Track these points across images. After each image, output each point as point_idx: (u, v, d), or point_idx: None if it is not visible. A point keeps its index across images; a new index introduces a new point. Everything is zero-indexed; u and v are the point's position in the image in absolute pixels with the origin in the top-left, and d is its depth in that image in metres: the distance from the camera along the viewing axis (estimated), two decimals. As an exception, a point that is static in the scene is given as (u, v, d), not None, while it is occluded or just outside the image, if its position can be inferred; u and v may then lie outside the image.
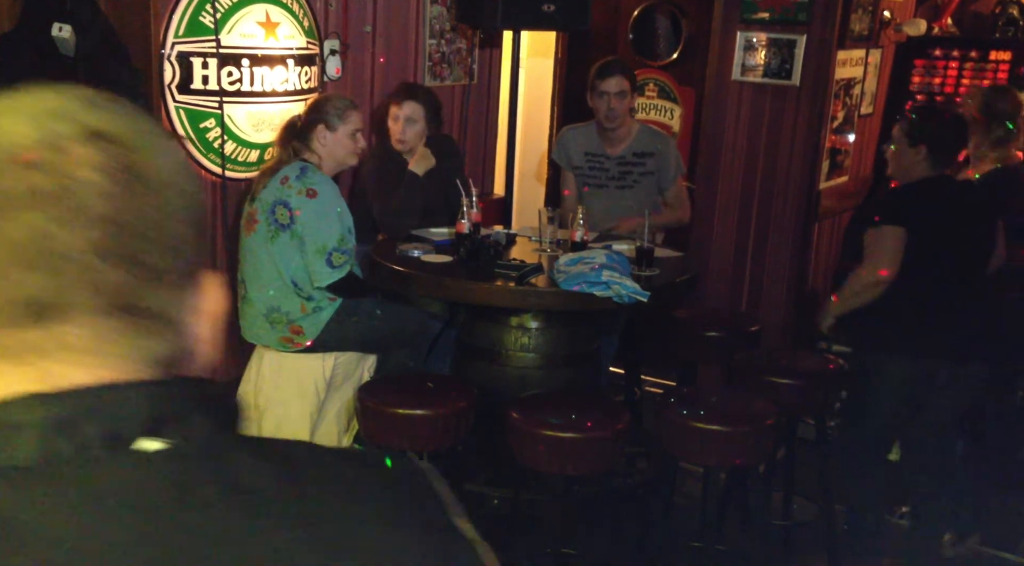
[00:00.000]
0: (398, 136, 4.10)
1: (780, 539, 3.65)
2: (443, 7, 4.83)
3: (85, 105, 0.63)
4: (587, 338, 3.73)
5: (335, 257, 3.44)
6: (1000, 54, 4.86)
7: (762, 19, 4.87)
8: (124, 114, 0.64)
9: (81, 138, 0.60)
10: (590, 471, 3.11)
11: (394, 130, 4.10)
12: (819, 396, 3.49)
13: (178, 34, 3.56)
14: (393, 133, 4.11)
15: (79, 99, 0.63)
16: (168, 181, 0.63)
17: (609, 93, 4.11)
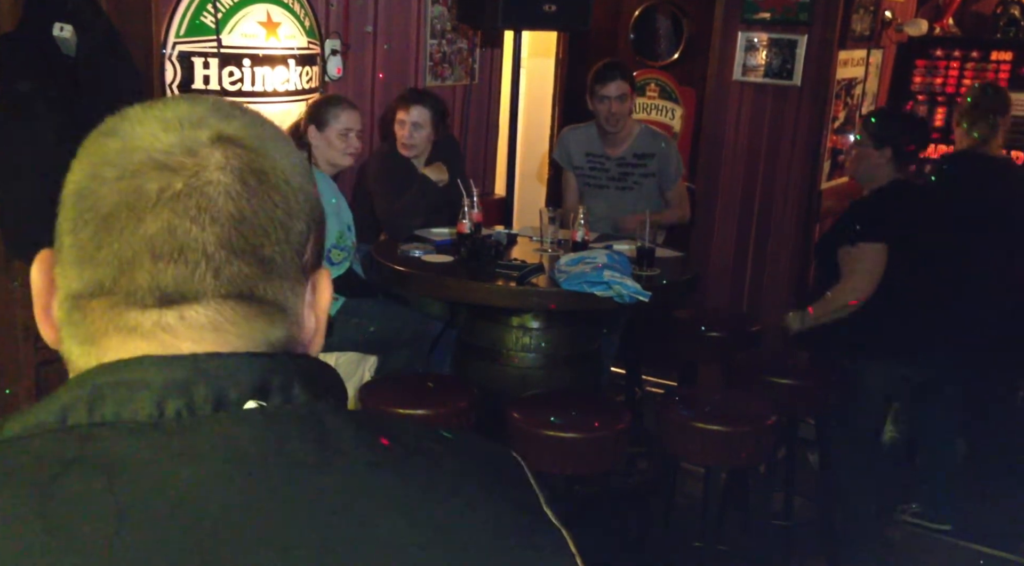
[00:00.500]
0: (405, 141, 4.09)
1: (781, 539, 3.65)
2: (444, 7, 4.83)
3: (214, 111, 0.69)
4: (588, 338, 3.73)
5: (333, 254, 3.45)
6: (1001, 54, 4.86)
7: (763, 19, 4.87)
8: (249, 120, 0.70)
9: (211, 142, 0.66)
10: (590, 471, 3.11)
11: (401, 135, 4.09)
12: (819, 396, 3.48)
13: (179, 34, 3.56)
14: (400, 138, 4.10)
15: (209, 105, 0.70)
16: (288, 181, 0.69)
17: (610, 97, 4.11)
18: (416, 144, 4.09)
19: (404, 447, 0.67)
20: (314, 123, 3.57)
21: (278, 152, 0.69)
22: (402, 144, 4.10)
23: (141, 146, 0.65)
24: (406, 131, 4.08)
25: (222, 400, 0.63)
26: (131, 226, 0.64)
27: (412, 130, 4.07)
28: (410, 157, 4.14)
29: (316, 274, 0.73)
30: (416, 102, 4.11)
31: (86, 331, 0.67)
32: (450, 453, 0.71)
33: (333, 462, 0.63)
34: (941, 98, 4.98)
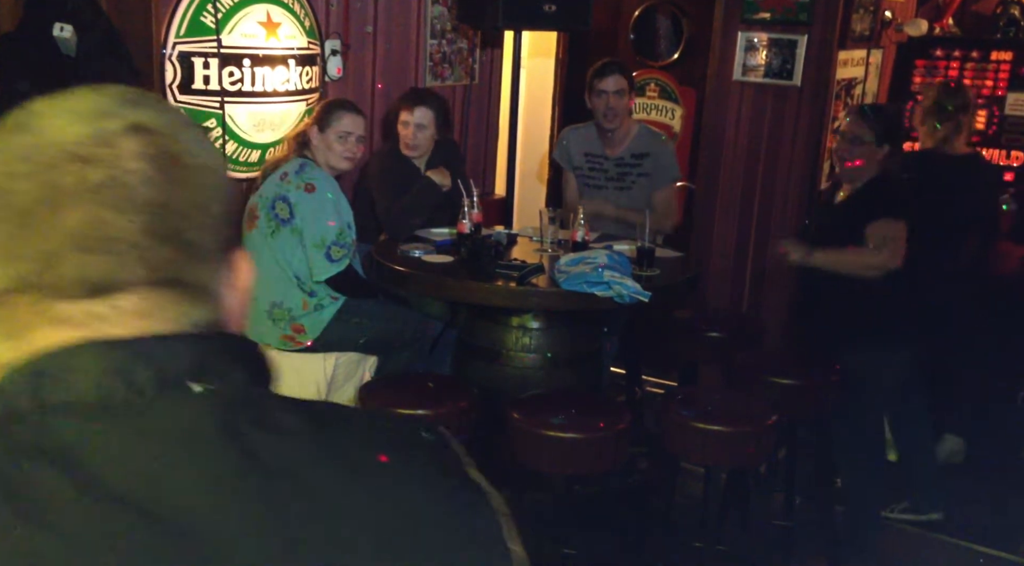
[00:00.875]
0: (408, 141, 4.08)
1: (781, 539, 3.65)
2: (444, 7, 4.83)
3: (122, 101, 0.69)
4: (588, 338, 3.73)
5: (334, 251, 3.45)
6: (1001, 54, 4.86)
7: (763, 19, 4.87)
8: (158, 107, 0.71)
9: (124, 132, 0.67)
10: (590, 471, 3.11)
11: (404, 135, 4.08)
12: (820, 396, 3.48)
13: (179, 34, 3.56)
14: (403, 138, 4.09)
15: (116, 96, 0.70)
16: (203, 165, 0.70)
17: (608, 91, 4.10)
18: (419, 144, 4.08)
19: (333, 423, 0.71)
20: (317, 123, 3.58)
21: (189, 137, 0.70)
22: (405, 145, 4.08)
23: (53, 140, 0.66)
24: (409, 132, 4.06)
25: (164, 381, 0.65)
26: (51, 220, 0.64)
27: (415, 131, 4.06)
28: (413, 157, 4.13)
29: (234, 254, 0.74)
30: (420, 103, 4.10)
31: (12, 326, 0.66)
32: (377, 428, 0.74)
33: (278, 439, 0.65)
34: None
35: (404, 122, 4.08)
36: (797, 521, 3.66)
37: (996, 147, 4.81)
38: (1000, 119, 4.82)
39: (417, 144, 4.07)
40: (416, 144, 4.07)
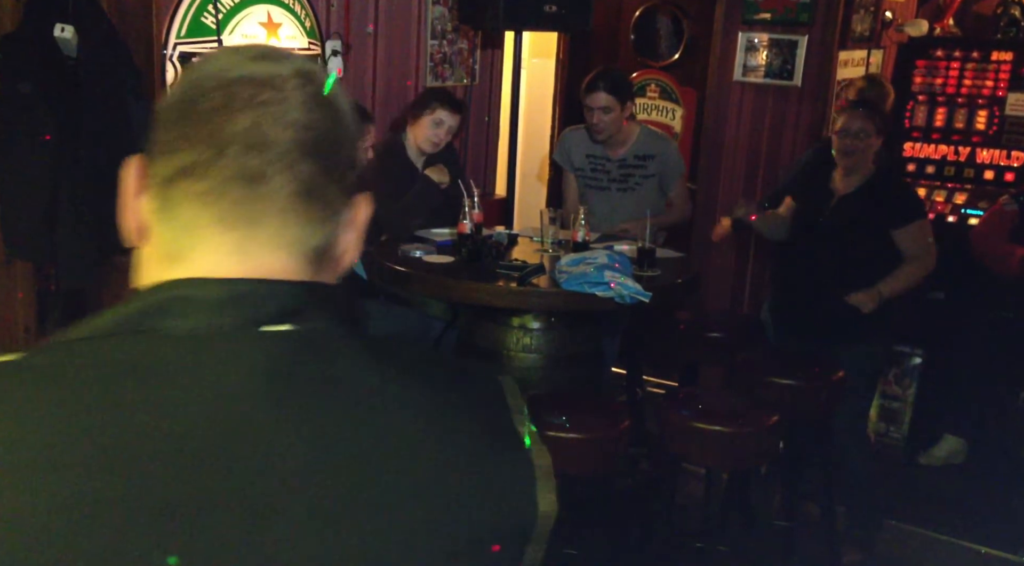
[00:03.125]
0: (437, 140, 4.10)
1: (781, 539, 3.65)
2: (445, 8, 4.84)
3: (290, 54, 0.85)
4: (589, 338, 3.73)
5: None
6: (1002, 55, 4.86)
7: (764, 20, 4.88)
8: (315, 65, 0.86)
9: (291, 74, 0.80)
10: (591, 471, 3.11)
11: (434, 134, 4.08)
12: (820, 396, 3.49)
13: (180, 35, 3.56)
14: (431, 137, 4.09)
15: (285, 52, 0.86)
16: (346, 111, 0.84)
17: (593, 109, 4.09)
18: (441, 145, 4.14)
19: (404, 365, 0.81)
20: None
21: (338, 90, 0.84)
22: (430, 141, 4.10)
23: (236, 69, 0.80)
24: (443, 132, 4.10)
25: (259, 320, 0.76)
26: (225, 122, 0.77)
27: (447, 133, 4.13)
28: (428, 153, 4.15)
29: (358, 196, 0.86)
30: (461, 110, 4.17)
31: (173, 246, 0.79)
32: (443, 373, 0.84)
33: (345, 379, 0.76)
34: (941, 98, 4.97)
35: (439, 121, 4.08)
36: (797, 521, 3.67)
37: (996, 147, 4.81)
38: (1000, 119, 4.82)
39: (441, 144, 4.13)
40: (440, 144, 4.13)
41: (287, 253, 0.79)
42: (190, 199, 0.77)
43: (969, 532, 3.85)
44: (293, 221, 0.79)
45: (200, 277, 0.77)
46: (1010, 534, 3.83)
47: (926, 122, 4.95)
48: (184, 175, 0.77)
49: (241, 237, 0.78)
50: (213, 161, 0.77)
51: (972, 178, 4.84)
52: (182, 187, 0.77)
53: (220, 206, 0.77)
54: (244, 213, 0.78)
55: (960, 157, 4.88)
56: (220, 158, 0.77)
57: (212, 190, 0.77)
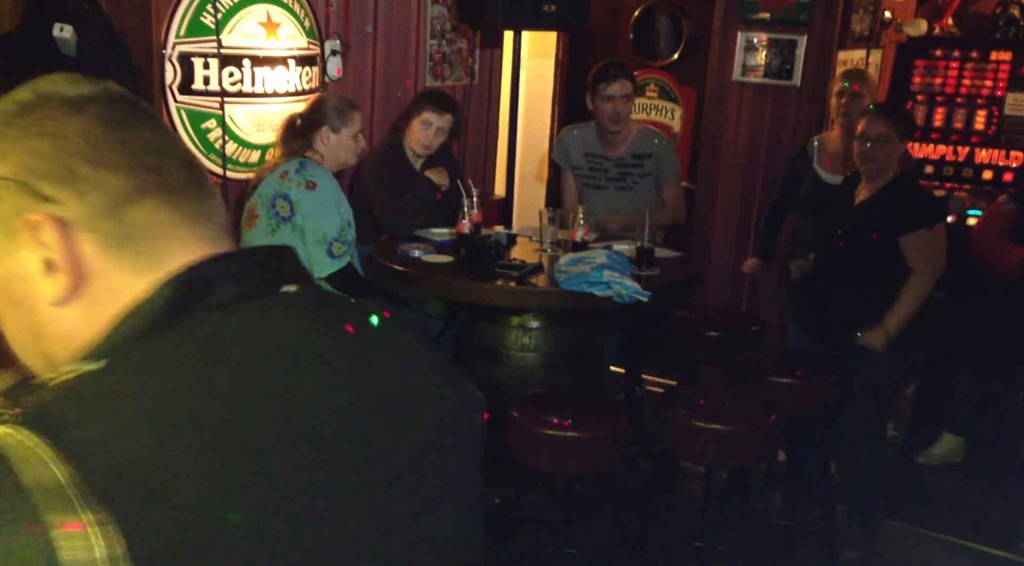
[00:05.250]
0: (427, 142, 4.10)
1: (782, 539, 3.66)
2: (444, 7, 4.84)
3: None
4: (588, 338, 3.73)
5: (335, 247, 3.45)
6: (1001, 54, 4.86)
7: (763, 19, 4.88)
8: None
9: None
10: (590, 471, 3.11)
11: (423, 136, 4.09)
12: (820, 396, 3.49)
13: (179, 34, 3.56)
14: (421, 137, 4.09)
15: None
16: None
17: (615, 97, 4.09)
18: (433, 147, 4.13)
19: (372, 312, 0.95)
20: (327, 125, 3.55)
21: None
22: (422, 144, 4.10)
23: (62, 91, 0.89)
24: (431, 133, 4.09)
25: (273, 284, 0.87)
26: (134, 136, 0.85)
27: (436, 134, 4.11)
28: (421, 156, 4.15)
29: None
30: (449, 110, 4.15)
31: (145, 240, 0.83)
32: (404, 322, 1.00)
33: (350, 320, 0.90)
34: (940, 98, 4.97)
35: (426, 122, 4.09)
36: (797, 521, 3.67)
37: (996, 147, 4.81)
38: (999, 119, 4.82)
39: (432, 146, 4.11)
40: (431, 146, 4.11)
41: (226, 232, 0.89)
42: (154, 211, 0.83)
43: (967, 531, 3.86)
44: (218, 206, 0.89)
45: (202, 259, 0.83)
46: (1010, 534, 3.84)
47: (925, 122, 4.95)
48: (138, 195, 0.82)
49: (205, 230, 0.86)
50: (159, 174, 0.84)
51: (971, 178, 4.83)
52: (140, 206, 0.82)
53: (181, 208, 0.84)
54: (202, 210, 0.86)
55: (959, 157, 4.88)
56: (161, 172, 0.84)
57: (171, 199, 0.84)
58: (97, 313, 0.81)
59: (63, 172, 0.80)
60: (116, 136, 0.83)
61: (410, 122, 4.14)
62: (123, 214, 0.81)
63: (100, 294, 0.81)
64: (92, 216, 0.80)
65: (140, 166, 0.83)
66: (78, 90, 0.87)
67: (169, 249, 0.83)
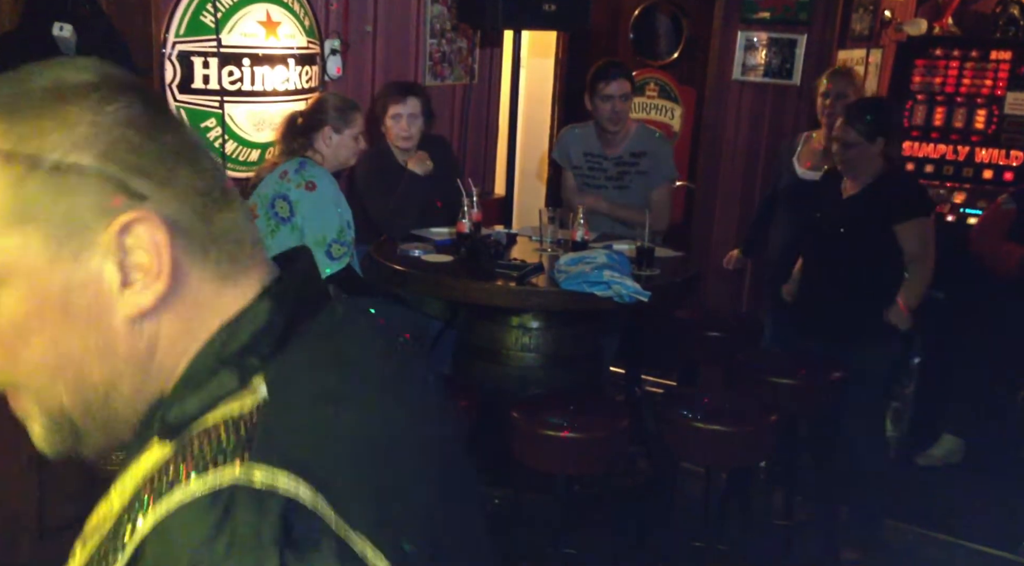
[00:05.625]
0: (402, 133, 4.07)
1: (781, 539, 3.65)
2: (444, 7, 4.83)
3: None
4: (588, 338, 3.73)
5: (334, 248, 3.44)
6: (1001, 54, 4.86)
7: (763, 19, 4.87)
8: None
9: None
10: (590, 471, 3.11)
11: (398, 129, 4.07)
12: (820, 396, 3.49)
13: (179, 33, 3.56)
14: (397, 131, 4.08)
15: None
16: None
17: (614, 97, 4.08)
18: (412, 135, 4.08)
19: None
20: (329, 125, 3.54)
21: None
22: (400, 137, 4.08)
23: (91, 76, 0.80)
24: (403, 123, 4.06)
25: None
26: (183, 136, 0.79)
27: (409, 121, 4.06)
28: (407, 149, 4.13)
29: None
30: (409, 93, 4.09)
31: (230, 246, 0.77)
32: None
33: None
34: (940, 98, 4.97)
35: (395, 115, 4.07)
36: (797, 521, 3.66)
37: (995, 146, 4.81)
38: (1000, 118, 4.81)
39: (411, 135, 4.07)
40: (410, 135, 4.07)
41: None
42: (224, 216, 0.77)
43: (967, 531, 3.86)
44: None
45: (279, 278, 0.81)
46: (1010, 534, 3.84)
47: (925, 121, 4.95)
48: (223, 198, 0.77)
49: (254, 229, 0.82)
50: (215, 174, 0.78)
51: (971, 177, 4.83)
52: (225, 211, 0.77)
53: (242, 213, 0.79)
54: (248, 216, 0.81)
55: (959, 156, 4.87)
56: (216, 170, 0.78)
57: (239, 205, 0.79)
58: (183, 327, 0.74)
59: (160, 169, 0.72)
60: (182, 131, 0.77)
61: (383, 122, 4.13)
62: (214, 218, 0.75)
63: (187, 305, 0.74)
64: (186, 216, 0.73)
65: (213, 167, 0.78)
66: (127, 74, 0.78)
67: (246, 257, 0.78)
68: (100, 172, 0.70)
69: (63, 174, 0.69)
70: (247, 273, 0.78)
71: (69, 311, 0.71)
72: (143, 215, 0.70)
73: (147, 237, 0.70)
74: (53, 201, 0.69)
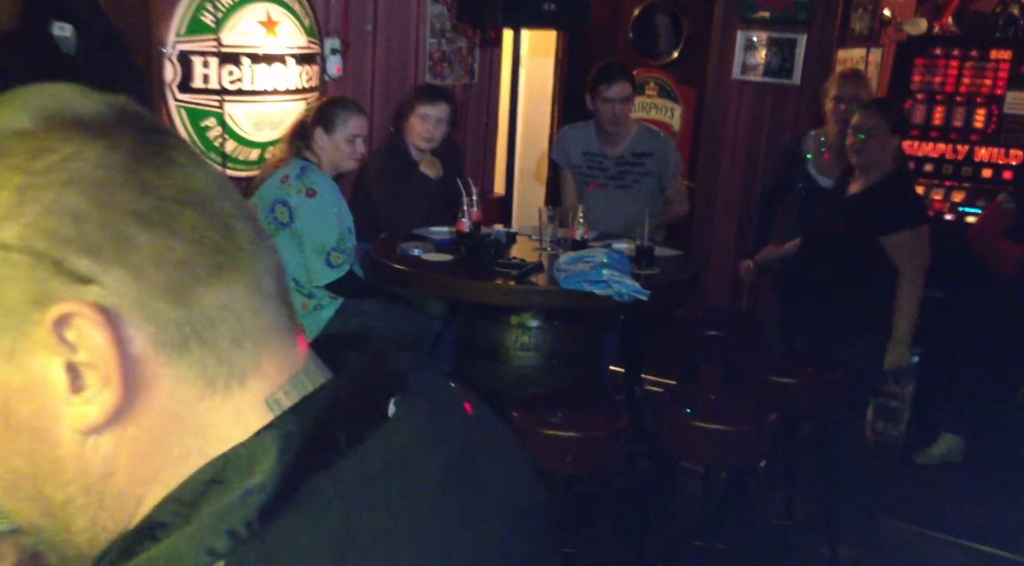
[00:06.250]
0: (426, 134, 4.11)
1: (780, 539, 3.66)
2: (444, 6, 4.83)
3: None
4: (587, 337, 3.73)
5: (334, 256, 3.44)
6: (1000, 53, 4.86)
7: (763, 18, 4.87)
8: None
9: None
10: (590, 471, 3.11)
11: (423, 129, 4.10)
12: (819, 394, 3.49)
13: (179, 33, 3.56)
14: (420, 131, 4.11)
15: None
16: None
17: (615, 99, 4.09)
18: (435, 138, 4.14)
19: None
20: (322, 125, 3.55)
21: None
22: (423, 137, 4.11)
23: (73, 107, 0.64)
24: (430, 125, 4.10)
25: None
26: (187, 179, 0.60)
27: (435, 125, 4.11)
28: (424, 150, 4.15)
29: None
30: (442, 99, 4.16)
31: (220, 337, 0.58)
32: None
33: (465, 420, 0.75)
34: (940, 97, 4.97)
35: (423, 116, 4.09)
36: (797, 521, 3.67)
37: (995, 145, 4.81)
38: (999, 118, 4.82)
39: (433, 137, 4.12)
40: (433, 137, 4.12)
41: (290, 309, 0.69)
42: (213, 295, 0.58)
43: (967, 531, 3.86)
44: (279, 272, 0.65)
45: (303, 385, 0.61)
46: (1010, 533, 3.84)
47: (924, 120, 4.95)
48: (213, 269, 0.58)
49: (283, 318, 0.62)
50: (229, 237, 0.59)
51: (970, 176, 4.83)
52: (215, 287, 0.58)
53: (259, 288, 0.60)
54: (277, 287, 0.62)
55: (958, 155, 4.88)
56: (231, 233, 0.59)
57: (248, 274, 0.59)
58: (153, 445, 0.57)
59: (107, 238, 0.54)
60: (168, 181, 0.57)
61: (407, 119, 4.15)
62: (193, 299, 0.57)
63: (159, 416, 0.57)
64: (151, 300, 0.55)
65: (201, 226, 0.57)
66: (96, 107, 0.58)
67: (251, 351, 0.59)
68: (28, 249, 0.54)
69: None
70: (244, 379, 0.59)
71: (11, 421, 0.56)
72: (77, 307, 0.54)
73: (90, 332, 0.54)
74: None
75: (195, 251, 0.57)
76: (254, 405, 0.59)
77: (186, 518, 0.55)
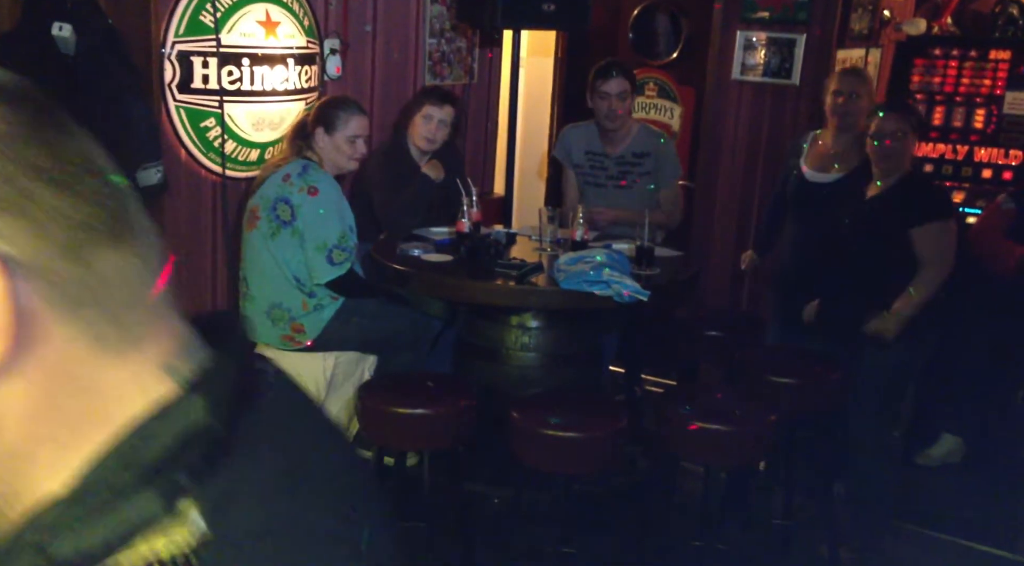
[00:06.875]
0: (429, 135, 4.11)
1: (780, 539, 3.65)
2: (443, 6, 4.83)
3: None
4: (587, 337, 3.73)
5: (335, 254, 3.44)
6: (1000, 53, 4.86)
7: (762, 18, 4.87)
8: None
9: None
10: (590, 471, 3.11)
11: (426, 129, 4.10)
12: (820, 395, 3.48)
13: (178, 33, 3.55)
14: (424, 132, 4.11)
15: None
16: None
17: (611, 94, 4.10)
18: (437, 140, 4.14)
19: None
20: (322, 125, 3.56)
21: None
22: (426, 138, 4.12)
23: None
24: (433, 126, 4.11)
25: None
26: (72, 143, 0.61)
27: (439, 126, 4.12)
28: (426, 151, 4.15)
29: None
30: (448, 101, 4.17)
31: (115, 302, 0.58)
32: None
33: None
34: (940, 97, 4.97)
35: (427, 116, 4.10)
36: (797, 521, 3.66)
37: (995, 146, 4.81)
38: (999, 118, 4.82)
39: (435, 139, 4.13)
40: (435, 139, 4.13)
41: None
42: (112, 257, 0.58)
43: (967, 531, 3.85)
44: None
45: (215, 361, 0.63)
46: (1010, 533, 3.84)
47: (924, 121, 4.95)
48: (108, 236, 0.58)
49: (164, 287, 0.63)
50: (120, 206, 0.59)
51: (970, 177, 4.84)
52: (110, 253, 0.58)
53: (145, 257, 0.60)
54: (160, 259, 0.61)
55: (958, 156, 4.88)
56: (120, 202, 0.59)
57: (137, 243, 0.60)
58: (45, 402, 0.56)
59: (10, 191, 0.54)
60: (72, 147, 0.58)
61: (412, 118, 4.15)
62: (90, 260, 0.56)
63: (50, 372, 0.56)
64: (49, 257, 0.55)
65: (101, 193, 0.58)
66: (3, 77, 0.62)
67: (144, 317, 0.60)
68: None
69: None
70: (138, 344, 0.59)
71: None
72: None
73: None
74: None
75: (96, 214, 0.57)
76: (152, 369, 0.59)
77: (128, 472, 0.55)
